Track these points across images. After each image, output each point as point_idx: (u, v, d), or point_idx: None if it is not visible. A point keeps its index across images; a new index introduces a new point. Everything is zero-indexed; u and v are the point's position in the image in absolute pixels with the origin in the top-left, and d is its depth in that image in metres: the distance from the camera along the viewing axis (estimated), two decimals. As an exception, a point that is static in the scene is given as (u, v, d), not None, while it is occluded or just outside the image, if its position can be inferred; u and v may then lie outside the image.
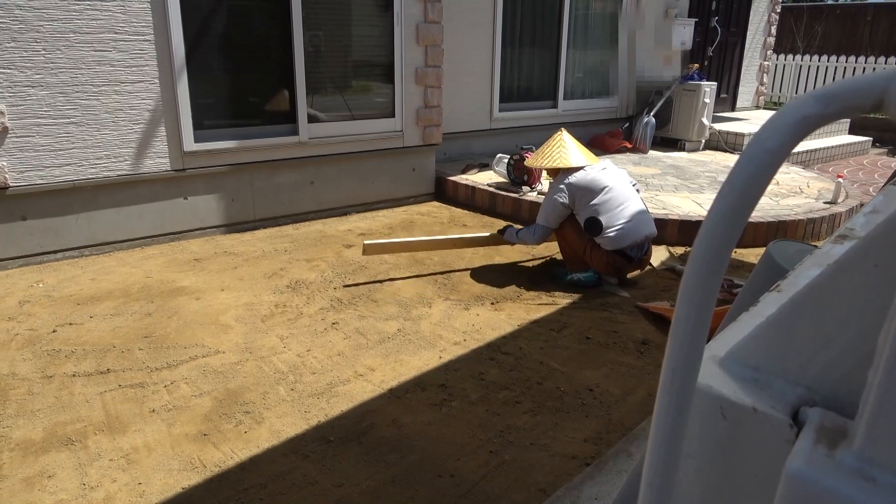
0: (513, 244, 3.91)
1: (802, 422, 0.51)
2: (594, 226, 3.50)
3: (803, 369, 0.54)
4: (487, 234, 4.04)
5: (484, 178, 5.50)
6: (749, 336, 0.58)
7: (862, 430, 0.46)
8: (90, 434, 2.25)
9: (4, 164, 3.60)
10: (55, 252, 3.89)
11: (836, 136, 8.67)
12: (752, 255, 4.16)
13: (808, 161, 7.70)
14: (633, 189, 3.66)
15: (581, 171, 3.54)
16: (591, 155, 3.67)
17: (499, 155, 5.46)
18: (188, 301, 3.36)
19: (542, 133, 3.93)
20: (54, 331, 3.00)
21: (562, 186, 3.55)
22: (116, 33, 3.81)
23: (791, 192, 5.32)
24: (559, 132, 3.75)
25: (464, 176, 5.60)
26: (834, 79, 11.52)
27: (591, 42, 7.22)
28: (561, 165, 3.58)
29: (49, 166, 3.74)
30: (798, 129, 0.43)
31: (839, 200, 5.03)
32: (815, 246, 1.63)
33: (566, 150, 3.63)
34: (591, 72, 7.32)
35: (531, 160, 3.85)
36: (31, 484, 2.00)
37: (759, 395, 0.54)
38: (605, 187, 3.50)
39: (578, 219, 3.57)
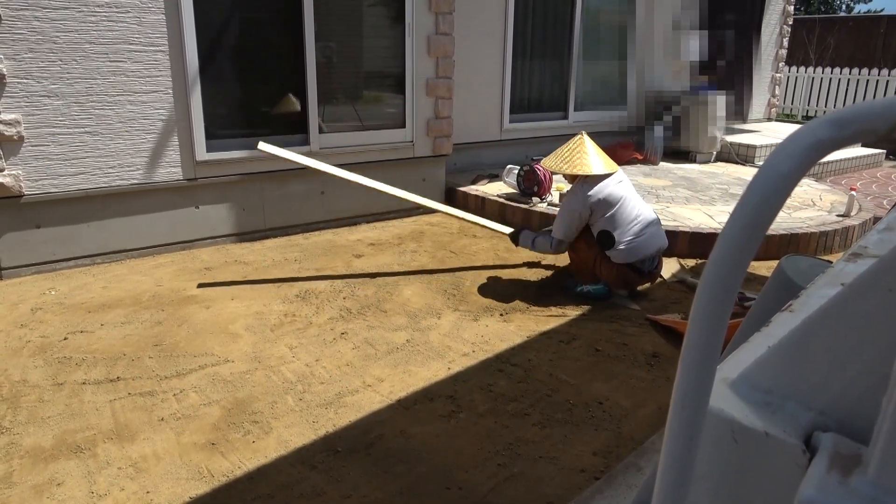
0: (525, 249, 3.87)
1: (815, 447, 0.50)
2: (606, 239, 3.48)
3: (816, 393, 0.54)
4: (502, 227, 4.10)
5: (494, 189, 5.50)
6: (761, 358, 0.57)
7: (877, 457, 0.45)
8: (99, 442, 2.26)
9: (20, 172, 3.64)
10: (68, 260, 3.92)
11: (849, 149, 8.61)
12: (764, 267, 4.13)
13: (821, 173, 7.64)
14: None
15: (600, 184, 3.47)
16: (611, 162, 3.57)
17: (509, 166, 5.46)
18: (198, 310, 3.37)
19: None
20: (65, 338, 3.02)
21: (581, 200, 3.48)
22: (131, 44, 3.85)
23: (803, 205, 5.29)
24: (580, 135, 3.63)
25: (474, 187, 5.61)
26: (847, 91, 11.46)
27: (601, 53, 7.22)
28: (581, 172, 3.48)
29: (63, 175, 3.78)
30: (812, 152, 0.42)
31: (852, 213, 4.99)
32: (829, 261, 1.61)
33: (587, 156, 3.50)
34: (601, 83, 7.33)
35: (548, 161, 3.70)
36: (40, 492, 2.01)
37: (770, 419, 0.53)
38: (620, 201, 3.46)
39: (592, 230, 3.55)
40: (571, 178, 3.64)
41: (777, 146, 0.45)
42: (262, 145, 3.79)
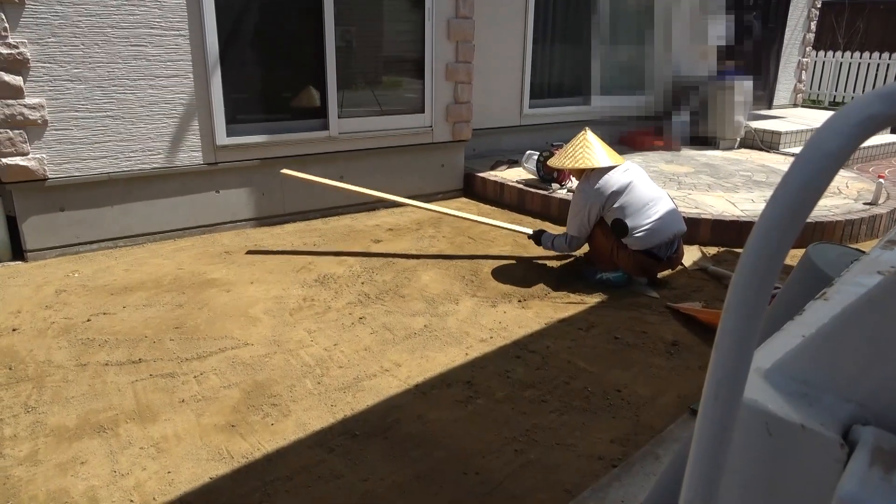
0: (545, 249, 3.88)
1: (854, 441, 0.48)
2: (620, 228, 3.45)
3: (855, 385, 0.51)
4: (522, 228, 4.11)
5: (513, 175, 5.46)
6: (797, 348, 0.55)
7: (922, 452, 0.43)
8: (121, 422, 2.29)
9: (44, 156, 3.68)
10: (91, 243, 3.97)
11: (877, 135, 8.41)
12: (788, 257, 4.05)
13: (848, 161, 7.47)
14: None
15: (606, 175, 3.49)
16: (616, 155, 3.61)
17: (528, 151, 5.41)
18: (218, 293, 3.40)
19: (573, 130, 3.89)
20: (89, 320, 3.06)
21: (590, 194, 3.49)
22: (152, 28, 3.86)
23: (829, 193, 5.18)
24: (584, 131, 3.69)
25: (493, 172, 5.57)
26: (876, 77, 11.17)
27: (624, 37, 7.10)
28: (586, 166, 3.51)
29: (86, 158, 3.82)
30: (861, 130, 0.40)
31: (880, 202, 4.88)
32: (858, 250, 1.56)
33: (591, 150, 3.55)
34: (623, 68, 7.21)
35: (554, 160, 3.79)
36: (64, 470, 2.04)
37: (807, 412, 0.51)
38: (628, 189, 3.46)
39: (606, 220, 3.53)
40: (578, 174, 3.67)
41: (823, 123, 0.43)
42: (286, 171, 4.14)
